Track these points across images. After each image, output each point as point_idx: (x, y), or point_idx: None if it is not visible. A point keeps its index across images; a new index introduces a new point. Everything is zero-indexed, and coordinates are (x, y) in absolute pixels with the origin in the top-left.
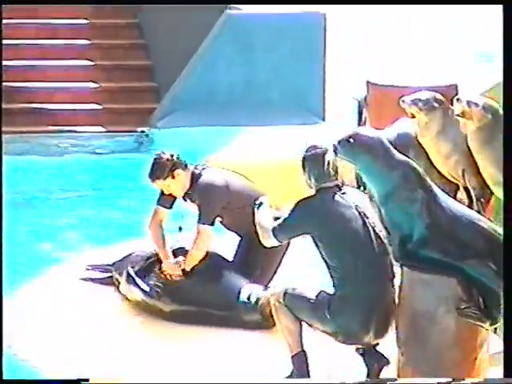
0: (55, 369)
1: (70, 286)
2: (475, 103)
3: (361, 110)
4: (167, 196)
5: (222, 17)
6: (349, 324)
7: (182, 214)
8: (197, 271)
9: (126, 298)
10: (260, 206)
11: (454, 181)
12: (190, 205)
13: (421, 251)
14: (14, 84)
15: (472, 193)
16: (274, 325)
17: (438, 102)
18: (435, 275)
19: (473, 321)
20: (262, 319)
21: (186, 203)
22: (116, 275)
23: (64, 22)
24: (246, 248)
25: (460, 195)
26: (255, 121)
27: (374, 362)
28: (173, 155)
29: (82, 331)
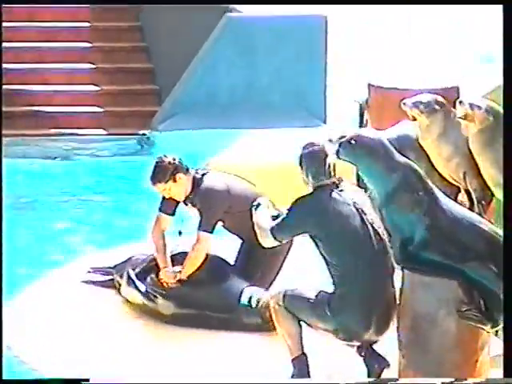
0: (57, 371)
1: (72, 289)
2: (478, 106)
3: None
4: (169, 201)
5: (222, 19)
6: (349, 321)
7: (183, 218)
8: (198, 274)
9: (127, 300)
10: (258, 207)
11: (455, 183)
12: (191, 209)
13: (422, 254)
14: (15, 87)
15: (473, 195)
16: (275, 328)
17: (440, 104)
18: (436, 278)
19: (474, 323)
20: (262, 322)
21: (187, 207)
22: (117, 278)
23: (65, 24)
24: (248, 251)
25: (461, 197)
26: (257, 123)
27: (374, 363)
28: (175, 159)
29: (83, 334)
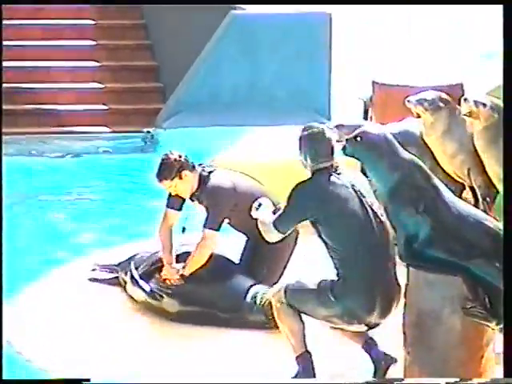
0: (60, 369)
1: (76, 287)
2: (483, 103)
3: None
4: (176, 197)
5: (226, 17)
6: (354, 304)
7: (188, 215)
8: (203, 272)
9: (132, 298)
10: (259, 206)
11: (460, 180)
12: (198, 205)
13: (426, 251)
14: (19, 85)
15: (478, 192)
16: None
17: (444, 101)
18: (441, 275)
19: (478, 320)
20: (267, 319)
21: (193, 203)
22: (122, 275)
23: (70, 22)
24: (253, 248)
25: (465, 194)
26: (261, 120)
27: (381, 359)
28: (181, 156)
29: (88, 332)
